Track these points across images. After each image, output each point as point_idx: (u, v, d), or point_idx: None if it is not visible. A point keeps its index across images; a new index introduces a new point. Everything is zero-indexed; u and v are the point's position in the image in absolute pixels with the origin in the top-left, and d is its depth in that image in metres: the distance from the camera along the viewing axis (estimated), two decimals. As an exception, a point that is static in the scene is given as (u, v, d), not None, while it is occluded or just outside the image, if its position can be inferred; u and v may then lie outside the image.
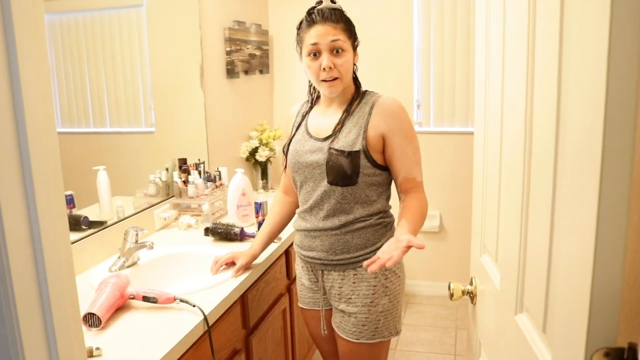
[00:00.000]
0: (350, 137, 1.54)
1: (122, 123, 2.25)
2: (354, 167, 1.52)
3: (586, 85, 0.63)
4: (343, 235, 1.58)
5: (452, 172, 3.36)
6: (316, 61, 1.52)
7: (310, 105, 1.70)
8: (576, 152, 0.66)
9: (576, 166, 0.66)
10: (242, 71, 3.08)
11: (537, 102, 0.83)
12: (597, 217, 0.60)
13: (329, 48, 1.50)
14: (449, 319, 3.22)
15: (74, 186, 1.90)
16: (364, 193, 1.56)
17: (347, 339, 1.62)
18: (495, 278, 1.07)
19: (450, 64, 3.28)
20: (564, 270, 0.70)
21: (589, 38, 0.62)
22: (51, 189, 0.75)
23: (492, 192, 1.12)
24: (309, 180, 1.60)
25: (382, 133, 1.53)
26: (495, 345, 1.07)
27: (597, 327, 0.61)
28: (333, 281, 1.63)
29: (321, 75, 1.52)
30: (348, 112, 1.57)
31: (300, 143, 1.63)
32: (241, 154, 3.12)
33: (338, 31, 1.51)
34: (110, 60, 2.14)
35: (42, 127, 0.73)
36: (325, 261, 1.61)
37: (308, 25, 1.53)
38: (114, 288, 1.50)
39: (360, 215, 1.57)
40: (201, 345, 1.47)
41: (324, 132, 1.60)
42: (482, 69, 1.20)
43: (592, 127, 0.61)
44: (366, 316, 1.58)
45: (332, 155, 1.53)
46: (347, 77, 1.55)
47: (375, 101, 1.56)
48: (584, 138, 0.63)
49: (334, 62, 1.51)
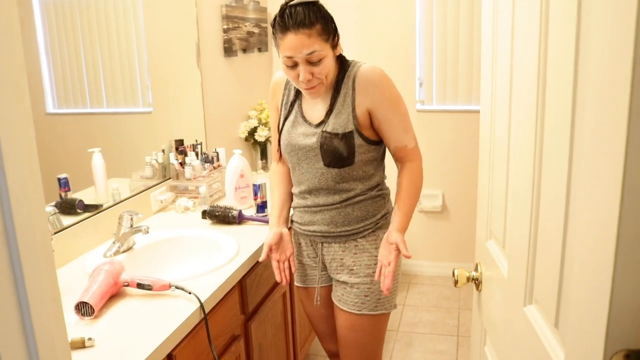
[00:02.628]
0: (341, 118, 1.51)
1: (119, 103, 2.20)
2: (349, 148, 1.50)
3: (609, 51, 0.57)
4: (344, 209, 1.58)
5: (455, 151, 3.30)
6: (294, 70, 1.44)
7: (292, 89, 1.63)
8: (596, 130, 0.60)
9: (596, 146, 0.60)
10: (240, 49, 3.00)
11: (550, 76, 0.76)
12: (620, 206, 0.54)
13: (305, 61, 1.41)
14: (452, 299, 3.19)
15: (70, 169, 1.85)
16: (362, 170, 1.56)
17: (349, 311, 1.61)
18: (502, 266, 1.01)
19: (453, 40, 3.19)
20: (580, 263, 0.64)
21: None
22: (26, 174, 0.69)
23: (500, 174, 1.06)
24: (303, 162, 1.58)
25: (367, 108, 1.50)
26: (502, 336, 1.02)
27: (617, 327, 0.56)
28: (334, 253, 1.62)
29: (300, 84, 1.47)
30: (336, 96, 1.52)
31: (293, 125, 1.60)
32: (240, 134, 3.06)
33: (313, 39, 1.39)
34: (106, 39, 2.08)
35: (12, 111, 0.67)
36: (326, 233, 1.61)
37: (281, 30, 1.41)
38: (107, 275, 1.46)
39: (361, 190, 1.57)
40: (198, 333, 1.43)
41: (317, 118, 1.56)
42: (488, 42, 1.13)
43: (616, 99, 0.55)
44: (369, 287, 1.59)
45: (325, 138, 1.51)
46: (329, 78, 1.48)
47: (355, 73, 1.50)
48: (607, 112, 0.57)
49: (312, 71, 1.43)
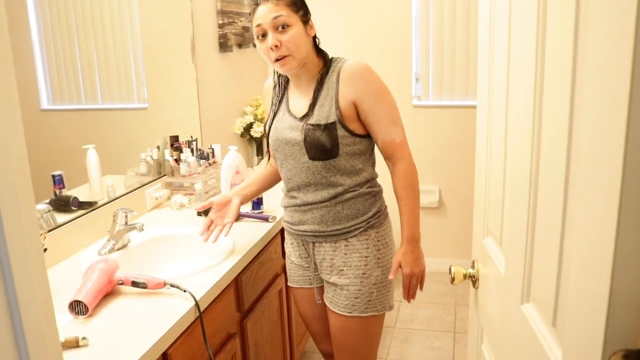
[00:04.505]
0: (324, 110, 1.51)
1: (115, 99, 2.19)
2: (332, 139, 1.49)
3: (609, 40, 0.55)
4: (333, 207, 1.56)
5: (452, 147, 3.29)
6: (264, 42, 1.49)
7: (280, 87, 1.65)
8: (596, 125, 0.59)
9: (596, 141, 0.59)
10: (236, 45, 2.98)
11: (548, 70, 0.75)
12: (619, 203, 0.53)
13: (272, 26, 1.47)
14: (448, 295, 3.19)
15: (65, 165, 1.84)
16: (348, 163, 1.54)
17: (340, 313, 1.60)
18: (499, 263, 1.00)
19: (449, 35, 3.18)
20: (578, 261, 0.64)
21: None
22: (15, 173, 0.68)
23: (497, 170, 1.05)
24: (289, 158, 1.57)
25: (352, 100, 1.50)
26: (499, 334, 1.02)
27: (615, 326, 0.55)
28: (325, 253, 1.61)
29: (271, 55, 1.49)
30: (320, 89, 1.54)
31: (280, 121, 1.60)
32: (235, 130, 3.04)
33: (280, 7, 1.47)
34: (101, 35, 2.07)
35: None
36: (317, 233, 1.59)
37: (254, 8, 1.51)
38: (101, 274, 1.45)
39: (349, 186, 1.55)
40: (193, 332, 1.42)
41: (301, 112, 1.56)
42: (485, 36, 1.11)
43: (616, 91, 0.53)
44: (358, 288, 1.57)
45: (308, 131, 1.50)
46: (299, 52, 1.50)
47: (340, 67, 1.52)
48: (606, 105, 0.56)
49: (280, 39, 1.47)
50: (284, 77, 1.65)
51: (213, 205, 1.70)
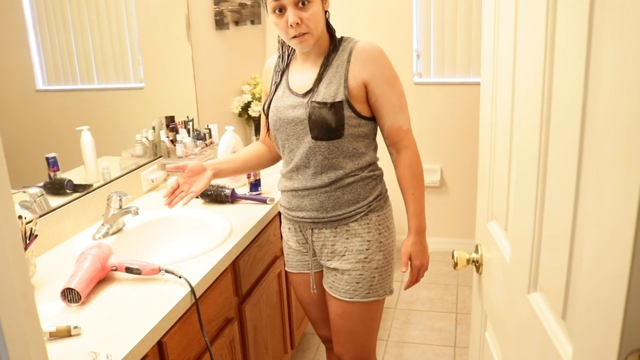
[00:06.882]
0: (331, 88, 1.45)
1: (110, 79, 2.14)
2: (338, 119, 1.44)
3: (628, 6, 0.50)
4: (333, 192, 1.51)
5: (454, 125, 3.22)
6: (282, 18, 1.41)
7: (283, 60, 1.59)
8: (613, 100, 0.54)
9: (614, 117, 0.54)
10: (232, 22, 2.90)
11: (559, 42, 0.69)
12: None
13: (293, 2, 1.39)
14: (450, 276, 3.16)
15: (59, 147, 1.79)
16: (352, 146, 1.49)
17: (341, 299, 1.57)
18: (504, 249, 0.96)
19: (451, 10, 3.09)
20: (592, 250, 0.59)
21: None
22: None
23: (502, 150, 1.00)
24: (292, 138, 1.52)
25: (363, 81, 1.45)
26: (504, 323, 0.98)
27: (635, 323, 0.51)
28: (325, 239, 1.56)
29: (290, 32, 1.42)
30: (327, 65, 1.48)
31: (281, 100, 1.54)
32: (233, 109, 2.98)
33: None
34: (95, 13, 2.01)
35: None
36: (316, 219, 1.55)
37: None
38: (94, 260, 1.41)
39: (351, 170, 1.50)
40: (189, 319, 1.39)
41: (304, 88, 1.50)
42: (490, 9, 1.05)
43: (636, 58, 0.48)
44: (360, 273, 1.53)
45: (314, 108, 1.45)
46: (317, 29, 1.44)
47: (353, 47, 1.47)
48: (625, 76, 0.51)
49: (301, 16, 1.40)
50: (292, 52, 1.58)
51: (185, 169, 1.62)
